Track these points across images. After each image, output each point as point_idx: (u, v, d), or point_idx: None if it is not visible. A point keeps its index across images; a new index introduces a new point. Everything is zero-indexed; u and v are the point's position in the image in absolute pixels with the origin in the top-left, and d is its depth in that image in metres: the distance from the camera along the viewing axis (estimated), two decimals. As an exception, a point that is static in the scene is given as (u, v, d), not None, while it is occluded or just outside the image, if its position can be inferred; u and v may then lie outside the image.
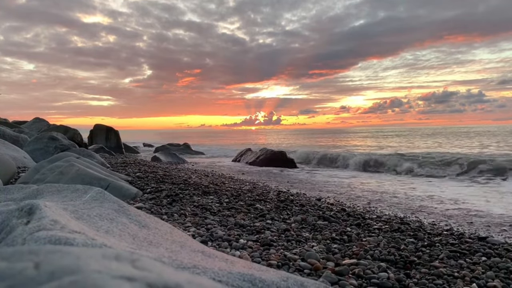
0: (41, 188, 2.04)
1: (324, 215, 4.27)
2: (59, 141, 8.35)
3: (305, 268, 2.34)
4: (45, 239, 1.04)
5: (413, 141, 33.25)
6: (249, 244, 2.73)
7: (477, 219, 5.24)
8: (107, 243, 1.12)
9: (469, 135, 41.13)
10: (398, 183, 9.95)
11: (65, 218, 1.26)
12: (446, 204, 6.51)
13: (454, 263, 2.83)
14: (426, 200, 6.93)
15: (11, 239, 1.09)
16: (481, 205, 6.30)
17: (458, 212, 5.71)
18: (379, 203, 6.65)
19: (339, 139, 42.20)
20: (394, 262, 2.72)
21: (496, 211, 5.74)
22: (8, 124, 14.22)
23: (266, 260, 2.40)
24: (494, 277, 2.55)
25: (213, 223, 3.26)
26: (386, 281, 2.25)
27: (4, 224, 1.22)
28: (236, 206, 4.20)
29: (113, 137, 17.05)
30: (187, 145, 24.48)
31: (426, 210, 5.93)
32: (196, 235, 2.78)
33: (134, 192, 4.17)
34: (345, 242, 3.21)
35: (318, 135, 65.82)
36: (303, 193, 6.97)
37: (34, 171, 4.55)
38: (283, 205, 4.65)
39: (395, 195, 7.73)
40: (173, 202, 4.05)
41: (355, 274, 2.33)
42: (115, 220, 1.50)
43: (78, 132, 13.99)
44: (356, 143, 33.43)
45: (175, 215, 3.45)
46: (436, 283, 2.34)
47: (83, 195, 1.80)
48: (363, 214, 4.81)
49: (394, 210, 5.78)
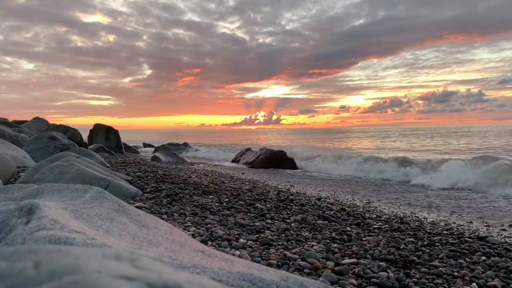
0: (41, 187, 2.04)
1: (324, 214, 4.27)
2: (59, 140, 8.35)
3: (305, 267, 2.34)
4: (45, 238, 1.04)
5: (414, 141, 33.25)
6: (249, 244, 2.73)
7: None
8: (107, 242, 1.12)
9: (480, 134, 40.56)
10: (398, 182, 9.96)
11: (65, 218, 1.26)
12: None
13: (454, 262, 2.83)
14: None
15: (11, 239, 1.09)
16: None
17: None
18: (379, 202, 6.65)
19: (339, 139, 42.20)
20: (394, 261, 2.72)
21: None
22: (8, 123, 14.21)
23: (266, 260, 2.40)
24: (494, 276, 2.55)
25: (213, 223, 3.26)
26: (386, 281, 2.25)
27: (4, 224, 1.22)
28: (236, 206, 4.20)
29: (113, 136, 17.04)
30: (187, 144, 24.48)
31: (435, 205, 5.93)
32: (196, 235, 2.78)
33: (134, 192, 4.17)
34: (345, 241, 3.21)
35: (317, 134, 65.84)
36: (303, 193, 6.98)
37: (34, 171, 4.55)
38: (283, 205, 4.65)
39: (395, 194, 7.74)
40: (173, 202, 4.05)
41: (355, 273, 2.33)
42: (115, 219, 1.50)
43: (78, 132, 13.98)
44: (356, 142, 33.42)
45: (175, 214, 3.45)
46: (436, 283, 2.34)
47: (83, 194, 1.80)
48: (363, 213, 4.81)
49: (394, 209, 5.78)
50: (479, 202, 6.88)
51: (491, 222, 5.17)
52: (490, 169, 9.16)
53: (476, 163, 10.00)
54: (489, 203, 6.70)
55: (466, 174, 9.21)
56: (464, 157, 13.12)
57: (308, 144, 29.49)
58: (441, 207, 6.37)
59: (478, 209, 6.21)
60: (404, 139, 36.34)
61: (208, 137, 65.87)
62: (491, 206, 6.46)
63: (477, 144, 24.71)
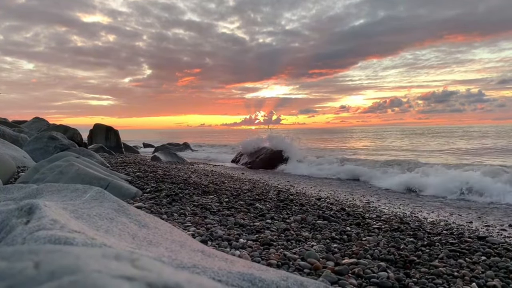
0: (40, 187, 2.04)
1: (324, 214, 4.27)
2: (58, 140, 8.35)
3: (305, 267, 2.34)
4: (44, 238, 1.04)
5: (414, 140, 33.25)
6: (249, 244, 2.73)
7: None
8: (107, 242, 1.12)
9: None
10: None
11: (64, 218, 1.26)
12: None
13: (453, 262, 2.83)
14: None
15: (11, 239, 1.09)
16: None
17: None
18: (378, 202, 6.65)
19: (339, 139, 42.21)
20: (393, 261, 2.72)
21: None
22: (8, 123, 14.21)
23: (266, 260, 2.40)
24: (494, 276, 2.55)
25: (213, 223, 3.26)
26: (386, 281, 2.25)
27: (4, 224, 1.22)
28: (236, 206, 4.20)
29: (113, 136, 17.04)
30: (187, 144, 24.48)
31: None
32: (196, 235, 2.79)
33: (133, 192, 4.17)
34: (345, 241, 3.21)
35: (317, 134, 65.85)
36: (302, 193, 6.98)
37: (34, 171, 4.55)
38: (283, 205, 4.65)
39: (396, 192, 7.73)
40: (172, 202, 4.05)
41: (355, 273, 2.33)
42: (114, 219, 1.50)
43: (77, 132, 13.98)
44: (356, 142, 33.43)
45: (175, 214, 3.45)
46: (435, 283, 2.34)
47: (82, 194, 1.80)
48: (362, 213, 4.81)
49: (394, 209, 5.79)
50: (479, 204, 6.88)
51: (491, 222, 5.17)
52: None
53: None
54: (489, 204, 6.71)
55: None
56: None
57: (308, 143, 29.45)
58: (441, 208, 6.37)
59: (477, 209, 6.21)
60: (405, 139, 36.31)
61: (208, 137, 65.88)
62: (491, 206, 6.46)
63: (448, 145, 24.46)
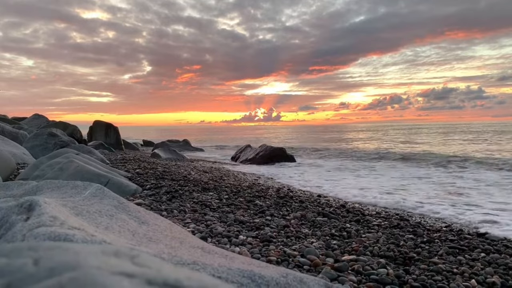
0: (40, 184, 2.04)
1: (324, 211, 4.27)
2: (58, 137, 8.35)
3: (305, 264, 2.35)
4: (44, 235, 1.04)
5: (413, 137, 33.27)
6: (249, 240, 2.73)
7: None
8: (106, 239, 1.12)
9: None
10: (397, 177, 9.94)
11: (64, 215, 1.26)
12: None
13: (453, 259, 2.84)
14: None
15: (11, 235, 1.09)
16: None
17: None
18: (377, 199, 6.65)
19: (339, 136, 42.21)
20: (393, 258, 2.72)
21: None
22: (8, 120, 14.20)
23: (266, 256, 2.41)
24: (493, 273, 2.56)
25: (213, 219, 3.27)
26: (385, 277, 2.25)
27: (4, 220, 1.22)
28: (236, 203, 4.20)
29: (112, 133, 17.03)
30: (186, 141, 24.47)
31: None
32: (196, 231, 2.79)
33: (133, 189, 4.17)
34: (345, 238, 3.22)
35: (317, 131, 65.85)
36: (302, 190, 6.98)
37: (34, 168, 4.55)
38: (283, 202, 4.65)
39: (395, 191, 7.73)
40: (172, 199, 4.06)
41: (355, 270, 2.34)
42: (114, 216, 1.50)
43: (77, 129, 13.97)
44: (357, 140, 33.44)
45: (175, 211, 3.45)
46: (435, 279, 2.34)
47: (82, 191, 1.80)
48: (362, 210, 4.82)
49: (393, 204, 5.79)
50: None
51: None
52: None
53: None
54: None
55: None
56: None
57: (308, 140, 29.51)
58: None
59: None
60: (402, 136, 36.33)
61: (208, 134, 65.86)
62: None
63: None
